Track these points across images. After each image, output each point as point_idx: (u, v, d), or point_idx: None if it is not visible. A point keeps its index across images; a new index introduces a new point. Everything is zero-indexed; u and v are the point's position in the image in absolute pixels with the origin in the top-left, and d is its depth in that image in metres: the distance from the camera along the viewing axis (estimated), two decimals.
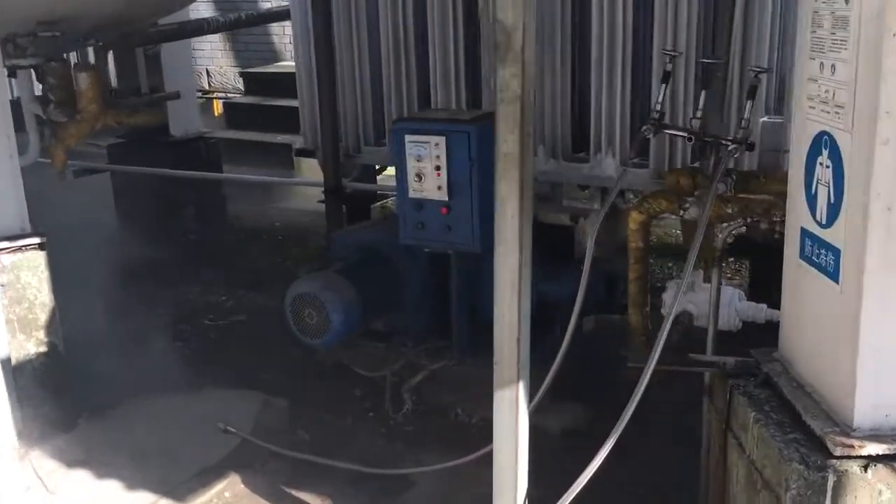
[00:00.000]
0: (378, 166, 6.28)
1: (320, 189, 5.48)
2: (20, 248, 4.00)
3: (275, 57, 11.23)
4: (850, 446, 2.28)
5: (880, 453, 2.27)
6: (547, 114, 4.43)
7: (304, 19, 5.22)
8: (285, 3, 6.86)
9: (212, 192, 7.42)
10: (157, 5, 6.12)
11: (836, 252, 2.34)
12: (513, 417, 2.58)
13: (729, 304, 3.61)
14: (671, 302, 2.66)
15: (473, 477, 3.52)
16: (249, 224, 7.63)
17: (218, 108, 11.11)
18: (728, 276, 5.72)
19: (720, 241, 2.93)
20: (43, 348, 4.10)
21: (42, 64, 5.42)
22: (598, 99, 4.40)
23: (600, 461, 2.58)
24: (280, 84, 9.48)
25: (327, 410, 4.39)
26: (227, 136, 9.05)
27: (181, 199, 7.12)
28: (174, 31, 6.50)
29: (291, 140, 8.57)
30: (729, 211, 3.14)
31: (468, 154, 3.95)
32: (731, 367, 2.81)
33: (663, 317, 3.85)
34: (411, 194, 4.13)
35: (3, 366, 3.76)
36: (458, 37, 4.75)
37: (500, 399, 2.58)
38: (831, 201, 2.34)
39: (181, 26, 6.65)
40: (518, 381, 2.54)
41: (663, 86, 3.36)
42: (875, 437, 2.29)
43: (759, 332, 3.89)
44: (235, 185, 7.69)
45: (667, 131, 3.45)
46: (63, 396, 4.17)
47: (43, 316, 4.10)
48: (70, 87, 5.56)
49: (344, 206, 5.35)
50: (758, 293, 4.02)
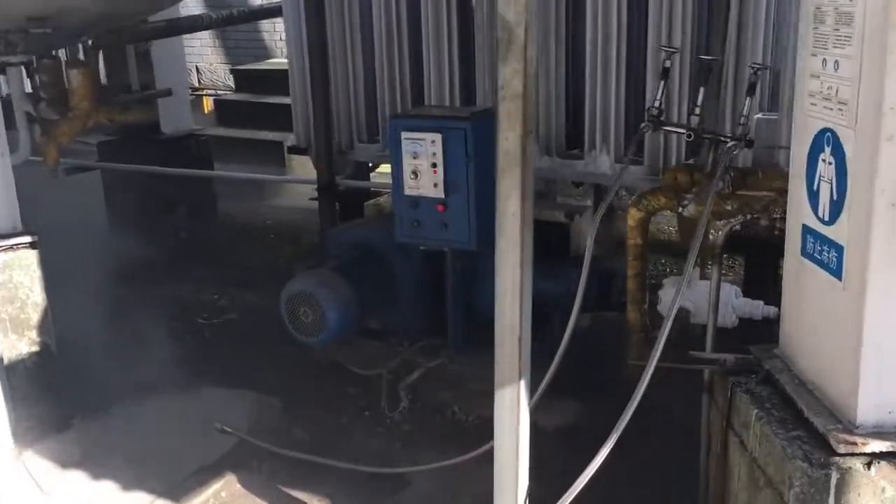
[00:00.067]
0: (371, 163, 6.27)
1: (312, 186, 5.46)
2: (12, 247, 3.98)
3: (265, 54, 11.19)
4: (854, 444, 2.27)
5: (884, 450, 2.26)
6: (541, 110, 4.43)
7: (297, 15, 5.19)
8: (276, 0, 6.81)
9: (203, 189, 7.37)
10: (146, 1, 6.06)
11: (838, 249, 2.33)
12: (514, 417, 2.56)
13: (726, 301, 3.60)
14: (672, 299, 2.65)
15: (471, 475, 3.51)
16: (241, 222, 7.59)
17: (208, 105, 11.06)
18: (723, 272, 5.71)
19: (720, 238, 2.92)
20: (35, 348, 4.08)
21: (33, 61, 5.38)
22: (592, 95, 4.39)
23: (602, 459, 2.56)
24: (271, 81, 9.47)
25: (323, 409, 4.37)
26: (218, 134, 9.01)
27: (172, 197, 7.06)
28: (166, 28, 6.45)
29: (283, 137, 8.54)
30: (728, 208, 3.12)
31: (465, 151, 3.94)
32: (731, 364, 2.79)
33: (659, 313, 3.87)
34: (407, 192, 4.11)
35: None
36: (451, 33, 4.73)
37: (501, 398, 2.56)
38: (834, 198, 2.34)
39: (173, 23, 6.60)
40: (519, 379, 2.52)
41: (661, 82, 3.35)
42: (878, 434, 2.28)
43: (756, 329, 3.90)
44: (226, 182, 7.65)
45: (665, 128, 3.44)
46: (56, 396, 4.15)
47: (35, 315, 4.08)
48: (61, 84, 5.52)
49: (337, 204, 5.33)
50: (752, 290, 4.02)
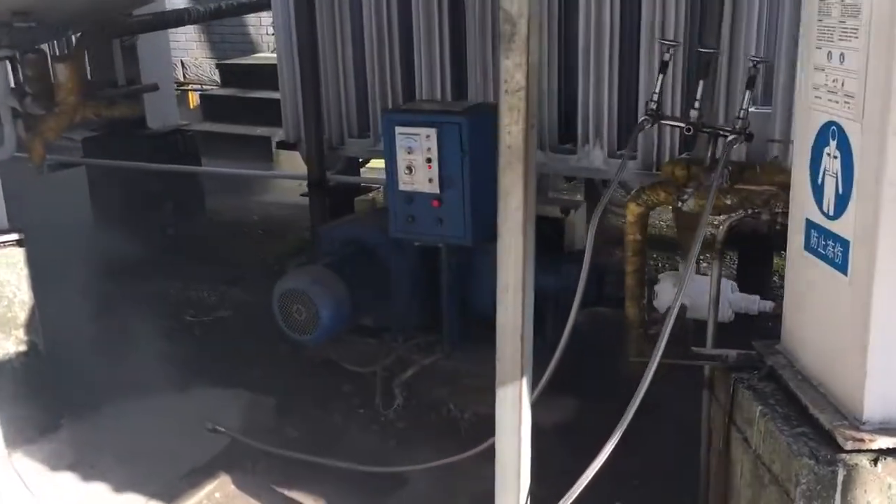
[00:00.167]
0: (361, 159, 6.22)
1: (299, 182, 5.39)
2: None
3: (252, 48, 11.09)
4: (861, 440, 2.25)
5: (891, 447, 2.24)
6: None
7: (286, 8, 5.13)
8: None
9: (190, 185, 7.29)
10: None
11: (844, 243, 2.30)
12: (516, 415, 2.52)
13: (722, 296, 3.58)
14: (675, 295, 2.62)
15: (468, 473, 3.49)
16: (229, 218, 7.51)
17: (193, 100, 10.96)
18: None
19: (721, 233, 2.89)
20: (23, 347, 4.02)
21: (18, 55, 5.29)
22: (585, 90, 4.36)
23: (605, 457, 2.53)
24: (258, 76, 9.39)
25: (317, 407, 4.33)
26: (205, 129, 8.92)
27: (159, 194, 6.98)
28: (152, 21, 6.36)
29: (270, 132, 8.47)
30: (728, 202, 3.10)
31: (460, 146, 3.91)
32: (733, 360, 2.77)
33: (654, 309, 3.85)
34: (401, 187, 4.07)
35: None
36: (443, 26, 4.69)
37: (503, 396, 2.52)
38: (840, 192, 2.31)
39: (160, 16, 6.51)
40: (521, 378, 2.48)
41: (661, 76, 3.32)
42: (885, 430, 2.26)
43: (752, 323, 3.89)
44: (214, 178, 7.57)
45: (664, 122, 3.41)
46: (44, 397, 4.08)
47: (22, 314, 4.02)
48: (47, 79, 5.43)
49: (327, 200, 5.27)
50: (746, 284, 4.00)
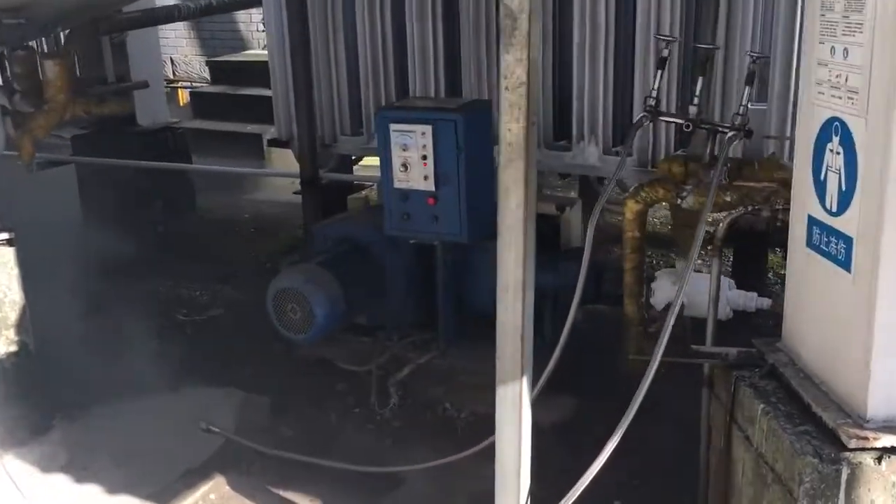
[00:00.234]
0: (354, 156, 6.18)
1: (291, 180, 5.35)
2: None
3: (242, 45, 11.03)
4: (865, 438, 2.23)
5: (895, 445, 2.23)
6: None
7: (277, 4, 5.09)
8: None
9: (180, 183, 7.23)
10: None
11: (847, 240, 2.29)
12: (516, 415, 2.50)
13: (721, 294, 3.56)
14: (676, 293, 2.60)
15: (466, 473, 3.46)
16: (220, 216, 7.46)
17: (183, 97, 10.91)
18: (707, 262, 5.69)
19: (721, 230, 2.87)
20: (13, 347, 3.97)
21: (7, 52, 5.24)
22: (580, 86, 4.34)
23: (606, 456, 2.51)
24: (248, 73, 9.35)
25: (311, 407, 4.29)
26: (195, 126, 8.86)
27: (149, 191, 6.92)
28: (142, 18, 6.30)
29: (261, 130, 8.42)
30: (728, 199, 3.08)
31: (456, 143, 3.87)
32: (733, 358, 2.76)
33: (651, 306, 3.83)
34: (396, 184, 4.05)
35: None
36: (436, 23, 4.67)
37: (503, 396, 2.50)
38: (843, 189, 2.29)
39: (150, 13, 6.46)
40: (522, 377, 2.46)
41: (659, 72, 3.30)
42: (889, 428, 2.25)
43: (747, 320, 3.88)
44: (205, 176, 7.52)
45: (663, 119, 3.39)
46: (36, 397, 4.03)
47: (13, 314, 3.97)
48: (36, 76, 5.38)
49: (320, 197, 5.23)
50: (743, 281, 4.00)
